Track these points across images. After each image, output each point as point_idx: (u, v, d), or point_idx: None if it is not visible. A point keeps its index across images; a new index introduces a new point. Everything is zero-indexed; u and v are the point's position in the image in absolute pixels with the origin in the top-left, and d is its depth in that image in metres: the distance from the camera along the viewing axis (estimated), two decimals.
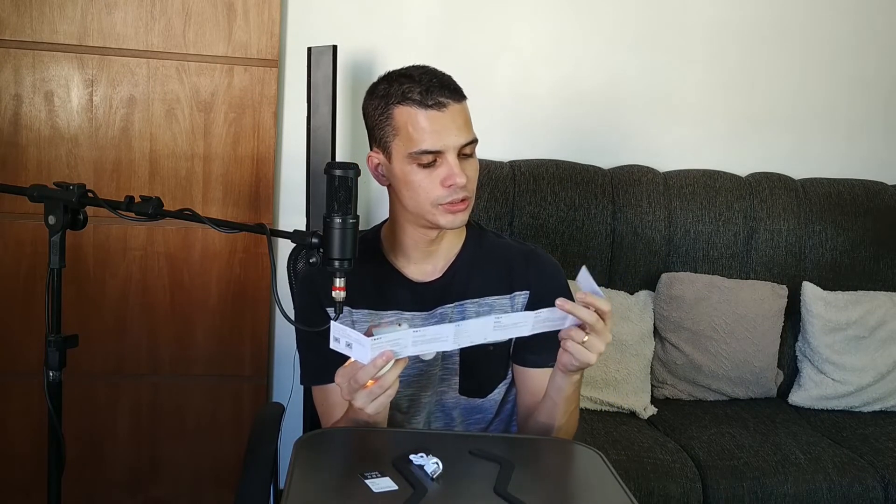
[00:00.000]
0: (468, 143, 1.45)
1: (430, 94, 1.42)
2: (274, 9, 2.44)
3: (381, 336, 1.25)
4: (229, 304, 2.51)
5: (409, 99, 1.42)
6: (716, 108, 2.86)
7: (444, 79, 1.45)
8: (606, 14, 2.76)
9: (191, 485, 2.57)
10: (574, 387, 1.45)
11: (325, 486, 1.26)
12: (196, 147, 2.46)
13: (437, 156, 1.43)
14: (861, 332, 2.60)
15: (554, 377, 1.46)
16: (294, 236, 1.40)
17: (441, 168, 1.43)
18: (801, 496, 2.18)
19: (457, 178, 1.42)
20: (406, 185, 1.46)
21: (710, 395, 2.63)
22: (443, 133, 1.42)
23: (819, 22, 2.87)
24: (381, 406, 1.31)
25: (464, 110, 1.46)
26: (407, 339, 1.27)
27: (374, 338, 1.25)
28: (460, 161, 1.44)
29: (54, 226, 1.45)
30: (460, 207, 1.45)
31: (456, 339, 1.30)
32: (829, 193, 2.77)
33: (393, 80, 1.46)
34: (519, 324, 1.33)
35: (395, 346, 1.27)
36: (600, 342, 1.34)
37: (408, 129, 1.43)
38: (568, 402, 1.47)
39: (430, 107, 1.42)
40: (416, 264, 1.56)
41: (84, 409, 2.46)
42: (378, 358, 1.26)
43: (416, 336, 1.27)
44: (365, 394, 1.29)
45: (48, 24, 2.35)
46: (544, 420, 1.50)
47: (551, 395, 1.48)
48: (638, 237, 2.65)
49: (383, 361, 1.26)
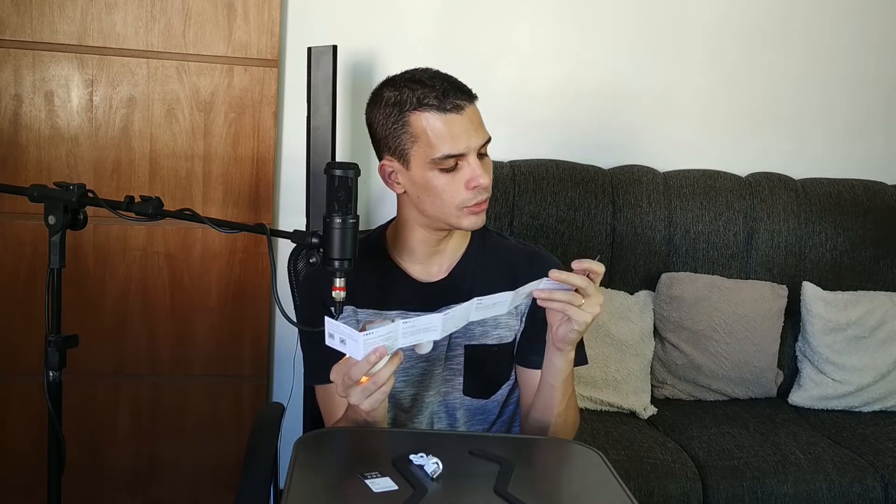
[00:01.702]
0: (486, 142, 1.46)
1: (447, 97, 1.42)
2: (274, 9, 2.44)
3: (373, 331, 1.25)
4: (229, 304, 2.51)
5: (426, 105, 1.42)
6: (716, 108, 2.86)
7: (455, 81, 1.46)
8: (606, 14, 2.76)
9: (191, 485, 2.57)
10: (570, 366, 1.47)
11: (325, 486, 1.26)
12: (196, 147, 2.46)
13: (459, 159, 1.43)
14: (861, 332, 2.60)
15: (550, 359, 1.47)
16: (294, 236, 1.40)
17: (463, 171, 1.44)
18: (801, 496, 2.18)
19: (480, 180, 1.43)
20: (428, 191, 1.45)
21: (710, 395, 2.63)
22: (463, 136, 1.42)
23: (819, 22, 2.88)
24: (377, 402, 1.31)
25: (477, 110, 1.47)
26: (397, 331, 1.27)
27: (366, 333, 1.25)
28: (480, 161, 1.45)
29: (54, 226, 1.45)
30: (483, 207, 1.47)
31: (444, 326, 1.31)
32: (829, 193, 2.77)
33: (402, 87, 1.45)
34: (498, 303, 1.36)
35: (387, 340, 1.27)
36: (595, 303, 1.37)
37: (427, 135, 1.42)
38: (566, 385, 1.48)
39: (449, 110, 1.42)
40: (421, 264, 1.56)
41: (84, 409, 2.46)
42: (371, 354, 1.26)
43: (405, 327, 1.28)
44: (359, 390, 1.29)
45: (48, 24, 2.35)
46: (543, 407, 1.51)
47: (548, 381, 1.49)
48: (638, 237, 2.65)
49: (377, 357, 1.26)
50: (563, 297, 1.37)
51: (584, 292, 1.37)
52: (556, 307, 1.38)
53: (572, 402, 1.53)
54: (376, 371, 1.28)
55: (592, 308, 1.37)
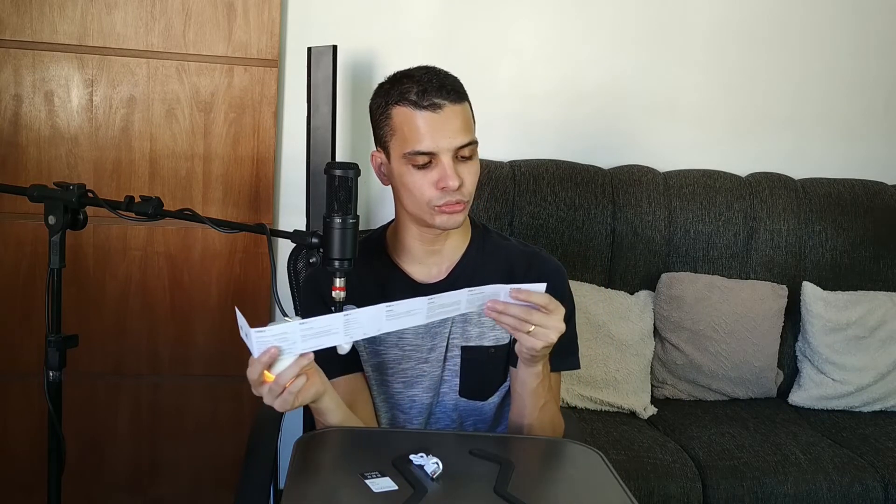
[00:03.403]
0: (464, 145, 1.43)
1: (426, 94, 1.41)
2: (274, 9, 2.44)
3: (266, 330, 1.22)
4: (229, 304, 2.51)
5: (406, 100, 1.42)
6: (716, 108, 2.86)
7: (444, 80, 1.44)
8: (606, 14, 2.76)
9: (191, 485, 2.57)
10: (537, 379, 1.45)
11: (325, 486, 1.26)
12: (196, 147, 2.46)
13: (432, 157, 1.42)
14: (861, 332, 2.60)
15: (518, 370, 1.46)
16: (294, 236, 1.40)
17: (436, 170, 1.42)
18: (801, 496, 2.18)
19: (449, 181, 1.41)
20: (402, 185, 1.46)
21: (710, 395, 2.63)
22: (436, 135, 1.41)
23: (819, 22, 2.87)
24: (287, 404, 1.28)
25: (462, 112, 1.44)
26: (295, 333, 1.23)
27: (258, 330, 1.21)
28: (458, 163, 1.43)
29: (54, 226, 1.45)
30: (456, 208, 1.44)
31: (346, 330, 1.26)
32: (829, 193, 2.77)
33: (396, 80, 1.46)
34: (455, 302, 1.31)
35: (282, 341, 1.23)
36: (551, 329, 1.34)
37: (403, 130, 1.43)
38: (535, 397, 1.47)
39: (425, 108, 1.41)
40: (420, 265, 1.55)
41: (84, 409, 2.46)
42: (263, 354, 1.24)
43: (304, 329, 1.24)
44: (265, 390, 1.28)
45: (48, 24, 2.35)
46: (515, 418, 1.51)
47: (517, 391, 1.48)
48: (638, 237, 2.65)
49: (268, 358, 1.24)
50: (511, 322, 1.34)
51: (545, 307, 1.33)
52: (504, 327, 1.36)
53: (548, 410, 1.51)
54: (279, 371, 1.26)
55: (545, 337, 1.34)
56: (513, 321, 1.34)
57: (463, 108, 1.44)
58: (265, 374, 1.26)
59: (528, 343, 1.35)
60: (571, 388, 2.48)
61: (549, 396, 1.50)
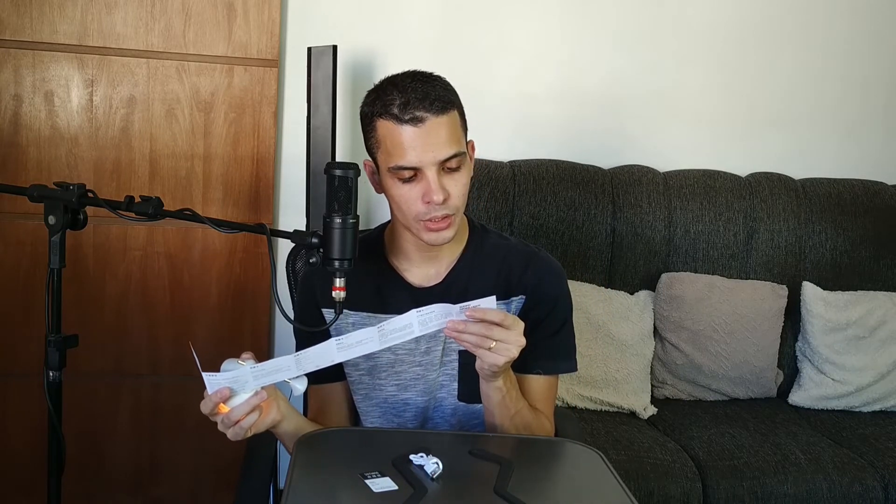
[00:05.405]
0: (450, 157, 1.39)
1: (408, 108, 1.37)
2: (274, 9, 2.44)
3: (217, 375, 1.32)
4: (229, 304, 2.51)
5: (388, 113, 1.39)
6: (716, 108, 2.86)
7: (429, 90, 1.38)
8: (606, 14, 2.76)
9: (191, 485, 2.57)
10: (500, 393, 1.43)
11: (325, 486, 1.26)
12: (196, 147, 2.46)
13: (417, 171, 1.39)
14: (861, 332, 2.60)
15: (480, 386, 1.45)
16: (294, 236, 1.40)
17: (420, 184, 1.40)
18: (801, 496, 2.18)
19: (433, 196, 1.38)
20: (391, 197, 1.45)
21: (710, 395, 2.63)
22: (419, 149, 1.37)
23: (819, 22, 2.87)
24: (238, 436, 1.36)
25: (446, 123, 1.38)
26: (246, 374, 1.32)
27: (211, 375, 1.31)
28: (444, 175, 1.40)
29: (54, 226, 1.45)
30: (442, 225, 1.41)
31: (298, 365, 1.32)
32: (829, 193, 2.77)
33: (381, 89, 1.42)
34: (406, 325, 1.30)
35: (233, 383, 1.32)
36: (512, 344, 1.32)
37: (387, 144, 1.40)
38: (503, 408, 1.45)
39: (406, 122, 1.37)
40: (417, 268, 1.54)
41: (84, 409, 2.46)
42: (214, 395, 1.33)
43: (255, 371, 1.32)
44: (219, 420, 1.36)
45: (48, 24, 2.35)
46: (489, 429, 1.50)
47: (485, 404, 1.47)
48: (638, 237, 2.65)
49: (218, 398, 1.33)
50: (472, 340, 1.32)
51: (502, 322, 1.31)
52: (465, 346, 1.34)
53: (521, 418, 1.48)
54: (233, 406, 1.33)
55: (506, 352, 1.32)
56: (474, 339, 1.32)
57: (449, 118, 1.39)
58: (220, 406, 1.34)
59: (490, 360, 1.33)
60: (571, 388, 2.48)
61: (521, 405, 1.48)
